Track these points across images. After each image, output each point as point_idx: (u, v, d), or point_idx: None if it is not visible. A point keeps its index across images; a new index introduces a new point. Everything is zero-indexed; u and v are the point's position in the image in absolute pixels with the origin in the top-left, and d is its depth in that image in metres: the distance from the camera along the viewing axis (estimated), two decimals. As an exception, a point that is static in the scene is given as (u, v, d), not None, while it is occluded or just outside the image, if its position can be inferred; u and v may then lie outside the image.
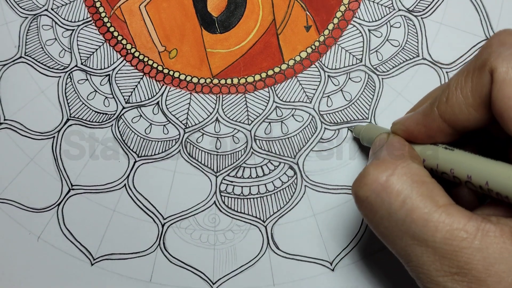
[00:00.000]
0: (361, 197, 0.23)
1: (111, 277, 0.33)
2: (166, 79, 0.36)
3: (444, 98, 0.22)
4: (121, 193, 0.34)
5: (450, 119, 0.22)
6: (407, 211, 0.21)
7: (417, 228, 0.20)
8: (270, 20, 0.35)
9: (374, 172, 0.22)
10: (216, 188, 0.34)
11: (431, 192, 0.21)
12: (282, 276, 0.33)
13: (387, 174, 0.22)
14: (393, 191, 0.21)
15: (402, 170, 0.22)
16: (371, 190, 0.22)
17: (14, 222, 0.35)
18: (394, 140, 0.25)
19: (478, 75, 0.21)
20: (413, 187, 0.21)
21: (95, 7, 0.37)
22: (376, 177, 0.22)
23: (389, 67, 0.34)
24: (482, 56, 0.21)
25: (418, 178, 0.22)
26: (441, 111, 0.22)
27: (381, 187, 0.22)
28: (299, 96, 0.35)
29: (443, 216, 0.20)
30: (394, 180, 0.21)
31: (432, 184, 0.22)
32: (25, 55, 0.37)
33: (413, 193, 0.21)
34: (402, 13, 0.35)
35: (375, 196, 0.22)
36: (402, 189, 0.21)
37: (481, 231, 0.19)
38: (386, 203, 0.21)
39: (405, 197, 0.21)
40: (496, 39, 0.21)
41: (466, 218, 0.20)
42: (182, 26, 0.36)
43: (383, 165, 0.22)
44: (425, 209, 0.20)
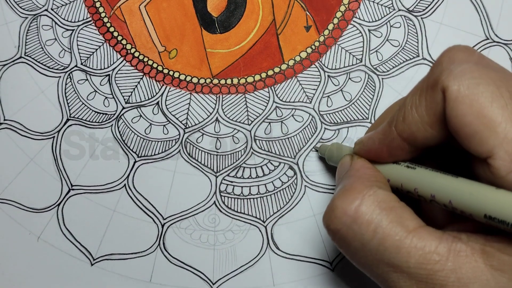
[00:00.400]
0: (333, 230, 0.23)
1: (111, 277, 0.33)
2: (166, 79, 0.36)
3: (401, 118, 0.22)
4: (121, 193, 0.34)
5: (409, 137, 0.22)
6: (379, 240, 0.21)
7: (391, 255, 0.20)
8: (270, 20, 0.35)
9: (342, 204, 0.22)
10: (216, 188, 0.34)
11: (400, 217, 0.21)
12: (282, 276, 0.33)
13: (355, 205, 0.22)
14: (363, 222, 0.21)
15: (369, 199, 0.22)
16: (341, 223, 0.22)
17: (14, 222, 0.35)
18: (358, 164, 0.25)
19: (431, 93, 0.21)
20: (382, 215, 0.21)
21: (95, 7, 0.37)
22: (344, 210, 0.22)
23: (389, 67, 0.34)
24: (433, 75, 0.21)
25: (386, 204, 0.22)
26: (399, 130, 0.22)
27: (351, 219, 0.22)
28: (299, 96, 0.35)
29: (415, 241, 0.20)
30: (363, 210, 0.21)
31: (401, 209, 0.22)
32: (25, 55, 0.37)
33: (383, 221, 0.21)
34: (402, 13, 0.35)
35: (346, 229, 0.22)
36: (371, 218, 0.21)
37: (452, 252, 0.20)
38: (358, 235, 0.21)
39: (375, 226, 0.21)
40: (446, 56, 0.21)
41: (437, 240, 0.20)
42: (182, 26, 0.36)
43: (350, 196, 0.22)
44: (396, 236, 0.20)
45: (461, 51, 0.21)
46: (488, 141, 0.19)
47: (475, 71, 0.19)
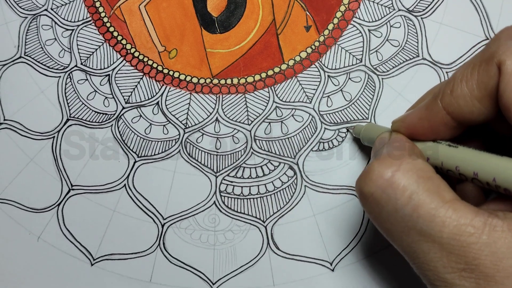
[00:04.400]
0: (366, 194, 0.22)
1: (111, 277, 0.33)
2: (166, 79, 0.36)
3: (449, 90, 0.22)
4: (121, 193, 0.34)
5: (454, 111, 0.22)
6: (414, 206, 0.21)
7: (424, 223, 0.20)
8: (270, 20, 0.35)
9: (379, 168, 0.22)
10: (216, 188, 0.34)
11: (437, 187, 0.21)
12: (282, 276, 0.33)
13: (392, 170, 0.21)
14: (399, 187, 0.21)
15: (407, 166, 0.22)
16: (376, 186, 0.22)
17: (14, 222, 0.35)
18: (397, 138, 0.25)
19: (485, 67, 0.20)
20: (419, 182, 0.21)
21: (94, 7, 0.37)
22: (381, 173, 0.22)
23: (389, 67, 0.34)
24: (490, 49, 0.21)
25: (423, 173, 0.21)
26: (445, 103, 0.22)
27: (387, 183, 0.21)
28: (299, 96, 0.35)
29: (450, 212, 0.20)
30: (400, 176, 0.21)
31: (438, 180, 0.21)
32: (25, 55, 0.37)
33: (419, 188, 0.21)
34: (402, 13, 0.35)
35: (381, 192, 0.22)
36: (408, 184, 0.21)
37: (488, 226, 0.19)
38: (392, 199, 0.21)
39: (411, 192, 0.21)
40: (505, 33, 0.21)
41: (473, 213, 0.20)
42: (182, 26, 0.36)
43: (388, 161, 0.22)
44: (432, 205, 0.20)
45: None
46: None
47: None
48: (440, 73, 0.34)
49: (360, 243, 0.33)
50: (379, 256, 0.32)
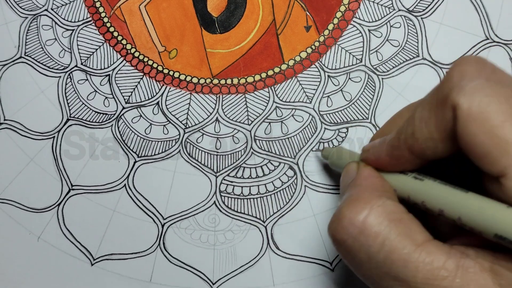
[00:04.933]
0: (338, 241, 0.22)
1: (111, 277, 0.33)
2: (166, 79, 0.36)
3: (410, 132, 0.22)
4: (121, 193, 0.34)
5: (418, 152, 0.22)
6: (387, 253, 0.20)
7: (398, 269, 0.20)
8: (270, 20, 0.35)
9: (349, 214, 0.22)
10: (216, 188, 0.34)
11: (409, 230, 0.21)
12: (282, 276, 0.33)
13: (363, 216, 0.21)
14: (371, 233, 0.21)
15: (378, 210, 0.21)
16: (348, 234, 0.21)
17: (14, 222, 0.35)
18: (365, 172, 0.25)
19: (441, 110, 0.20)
20: (390, 226, 0.21)
21: (95, 7, 0.37)
22: (352, 220, 0.21)
23: (389, 67, 0.34)
24: (443, 90, 0.20)
25: (394, 216, 0.21)
26: (408, 144, 0.22)
27: (358, 230, 0.21)
28: (299, 96, 0.35)
29: (423, 255, 0.20)
30: (371, 221, 0.21)
31: (410, 221, 0.21)
32: (25, 55, 0.37)
33: (391, 233, 0.21)
34: (402, 13, 0.35)
35: (353, 240, 0.21)
36: (379, 230, 0.21)
37: (461, 268, 0.19)
38: (364, 246, 0.21)
39: (383, 238, 0.21)
40: (456, 70, 0.21)
41: (446, 255, 0.20)
42: (182, 26, 0.36)
43: (358, 206, 0.22)
44: (404, 250, 0.20)
45: (472, 65, 0.21)
46: (500, 161, 0.18)
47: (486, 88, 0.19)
48: (440, 73, 0.34)
49: (360, 243, 0.33)
50: (379, 256, 0.32)
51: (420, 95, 0.33)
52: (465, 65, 0.21)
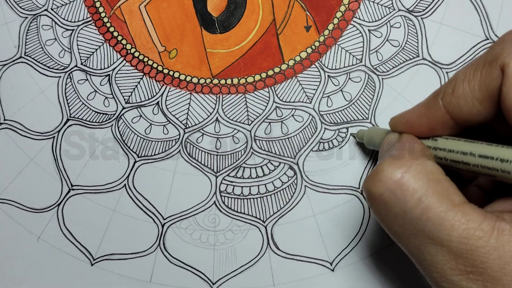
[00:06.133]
0: (374, 194, 0.22)
1: (111, 277, 0.33)
2: (166, 79, 0.36)
3: (450, 89, 0.22)
4: (121, 193, 0.34)
5: (454, 111, 0.22)
6: (423, 209, 0.21)
7: (433, 226, 0.20)
8: (270, 20, 0.35)
9: (388, 169, 0.22)
10: (216, 188, 0.34)
11: (446, 190, 0.21)
12: (282, 276, 0.33)
13: (402, 171, 0.21)
14: (409, 189, 0.21)
15: (417, 168, 0.22)
16: (385, 187, 0.22)
17: (14, 222, 0.35)
18: (407, 138, 0.25)
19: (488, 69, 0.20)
20: (428, 185, 0.21)
21: (95, 7, 0.37)
22: (390, 174, 0.22)
23: (389, 67, 0.34)
24: (494, 51, 0.21)
25: (433, 176, 0.21)
26: (446, 102, 0.22)
27: (396, 185, 0.21)
28: (299, 96, 0.35)
29: (459, 215, 0.20)
30: (410, 178, 0.21)
31: (447, 183, 0.22)
32: (25, 55, 0.37)
33: (428, 191, 0.21)
34: (402, 13, 0.35)
35: (389, 194, 0.22)
36: (417, 187, 0.21)
37: (496, 230, 0.19)
38: (401, 201, 0.21)
39: (420, 195, 0.21)
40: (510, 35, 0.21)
41: (482, 217, 0.20)
42: (182, 26, 0.36)
43: (397, 162, 0.22)
44: (441, 208, 0.20)
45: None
46: None
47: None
48: (440, 73, 0.34)
49: (360, 243, 0.33)
50: (379, 255, 0.32)
51: (420, 95, 0.33)
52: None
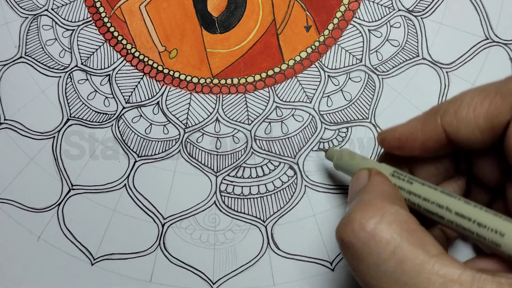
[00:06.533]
0: (347, 244, 0.21)
1: (111, 277, 0.33)
2: (166, 79, 0.36)
3: (453, 110, 0.21)
4: (121, 193, 0.34)
5: (452, 132, 0.21)
6: (398, 261, 0.20)
7: (409, 279, 0.19)
8: (270, 20, 0.36)
9: (360, 218, 0.21)
10: (216, 188, 0.34)
11: (421, 241, 0.20)
12: (282, 276, 0.33)
13: (375, 221, 0.21)
14: (382, 240, 0.20)
15: (390, 217, 0.21)
16: (357, 238, 0.21)
17: (14, 222, 0.35)
18: (378, 180, 0.24)
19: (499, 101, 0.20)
20: (402, 236, 0.20)
21: (95, 7, 0.37)
22: (363, 224, 0.21)
23: (389, 67, 0.34)
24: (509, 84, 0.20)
25: (407, 226, 0.20)
26: (445, 122, 0.21)
27: (369, 235, 0.20)
28: (299, 96, 0.35)
29: (436, 267, 0.19)
30: (383, 228, 0.20)
31: (422, 233, 0.21)
32: (25, 55, 0.37)
33: (403, 242, 0.20)
34: (402, 13, 0.35)
35: (362, 245, 0.21)
36: (391, 238, 0.20)
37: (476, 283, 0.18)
38: (374, 253, 0.20)
39: (395, 246, 0.20)
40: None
41: (461, 268, 0.19)
42: (182, 26, 0.36)
43: (369, 210, 0.21)
44: (417, 260, 0.19)
45: None
46: None
47: None
48: (440, 73, 0.34)
49: (360, 243, 0.33)
50: (379, 256, 0.32)
51: (420, 95, 0.33)
52: None
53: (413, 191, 0.23)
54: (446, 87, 0.33)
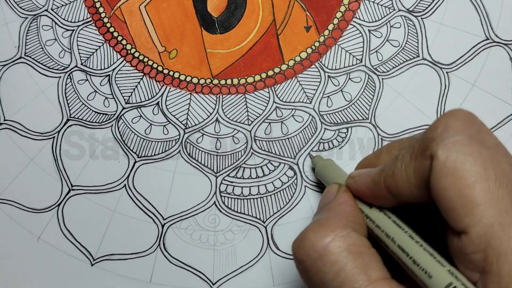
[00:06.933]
0: (298, 260, 0.22)
1: (111, 277, 0.33)
2: (166, 79, 0.36)
3: (391, 172, 0.22)
4: (121, 194, 0.34)
5: (395, 192, 0.22)
6: (340, 283, 0.21)
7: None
8: (270, 20, 0.35)
9: (313, 237, 0.22)
10: (216, 188, 0.34)
11: (366, 264, 0.21)
12: (282, 276, 0.33)
13: (325, 242, 0.22)
14: (329, 261, 0.21)
15: (341, 239, 0.22)
16: (307, 256, 0.22)
17: (14, 222, 0.35)
18: (342, 199, 0.25)
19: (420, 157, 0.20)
20: (348, 258, 0.21)
21: (95, 7, 0.37)
22: (314, 244, 0.22)
23: (389, 67, 0.34)
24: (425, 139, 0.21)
25: (355, 249, 0.21)
26: (387, 183, 0.22)
27: (318, 255, 0.21)
28: (299, 97, 0.35)
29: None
30: (331, 249, 0.21)
31: (369, 256, 0.21)
32: (25, 56, 0.37)
33: (348, 265, 0.21)
34: (402, 13, 0.35)
35: (311, 262, 0.22)
36: (337, 259, 0.21)
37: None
38: (320, 272, 0.21)
39: (339, 268, 0.21)
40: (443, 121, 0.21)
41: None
42: (182, 27, 0.36)
43: (323, 231, 0.22)
44: (356, 284, 0.20)
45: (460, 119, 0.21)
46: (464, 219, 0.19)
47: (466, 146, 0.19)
48: (440, 73, 0.34)
49: (360, 243, 0.33)
50: (379, 256, 0.32)
51: (420, 95, 0.33)
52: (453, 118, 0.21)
53: (369, 216, 0.24)
54: (446, 88, 0.33)
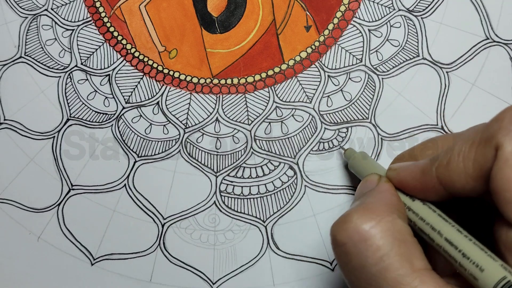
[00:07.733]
0: (338, 242, 0.22)
1: (111, 277, 0.33)
2: (166, 79, 0.36)
3: (445, 162, 0.22)
4: (121, 193, 0.34)
5: (447, 183, 0.22)
6: (382, 268, 0.20)
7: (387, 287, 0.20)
8: (270, 20, 0.35)
9: (357, 220, 0.21)
10: (216, 188, 0.34)
11: (410, 253, 0.21)
12: (282, 276, 0.33)
13: (370, 226, 0.21)
14: (373, 245, 0.21)
15: (386, 225, 0.21)
16: (349, 238, 0.21)
17: (14, 222, 0.35)
18: (384, 188, 0.25)
19: (483, 147, 0.20)
20: (393, 245, 0.21)
21: (95, 7, 0.37)
22: (358, 226, 0.21)
23: (389, 67, 0.34)
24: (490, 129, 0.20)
25: (400, 236, 0.21)
26: (440, 174, 0.22)
27: (361, 238, 0.21)
28: (299, 96, 0.35)
29: (416, 282, 0.20)
30: (376, 234, 0.21)
31: (413, 245, 0.21)
32: (25, 55, 0.37)
33: (392, 251, 0.20)
34: (402, 13, 0.35)
35: (353, 245, 0.21)
36: (381, 245, 0.21)
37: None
38: (362, 255, 0.21)
39: (383, 254, 0.20)
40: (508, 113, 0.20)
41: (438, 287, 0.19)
42: (182, 26, 0.36)
43: (367, 214, 0.22)
44: (400, 271, 0.20)
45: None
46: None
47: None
48: (440, 73, 0.34)
49: (360, 243, 0.33)
50: (379, 256, 0.32)
51: (420, 95, 0.33)
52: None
53: (412, 208, 0.24)
54: (446, 87, 0.33)
